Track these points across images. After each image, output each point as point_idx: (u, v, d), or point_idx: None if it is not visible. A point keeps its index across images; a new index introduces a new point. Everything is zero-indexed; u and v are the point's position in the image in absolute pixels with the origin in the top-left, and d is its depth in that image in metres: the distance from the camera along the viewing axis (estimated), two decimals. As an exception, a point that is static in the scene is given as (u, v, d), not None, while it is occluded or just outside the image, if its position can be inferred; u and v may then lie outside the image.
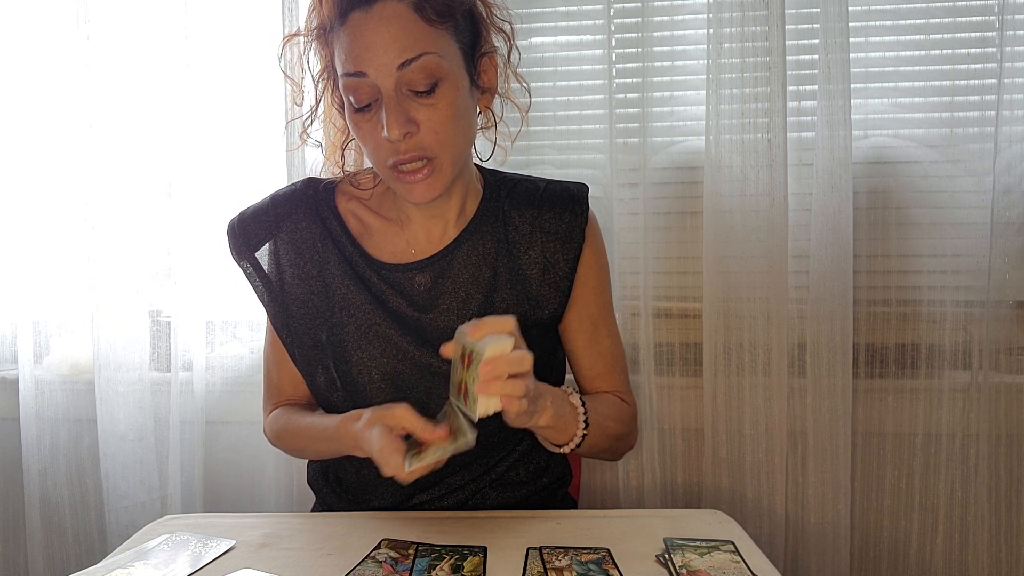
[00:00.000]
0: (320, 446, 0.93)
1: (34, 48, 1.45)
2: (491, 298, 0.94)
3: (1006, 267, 1.29)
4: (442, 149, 0.83)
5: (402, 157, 0.82)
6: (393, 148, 0.82)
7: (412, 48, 0.80)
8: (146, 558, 0.79)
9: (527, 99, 0.97)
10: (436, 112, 0.82)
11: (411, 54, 0.79)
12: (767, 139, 1.27)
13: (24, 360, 1.46)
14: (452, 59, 0.83)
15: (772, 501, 1.33)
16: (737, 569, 0.75)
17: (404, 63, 0.79)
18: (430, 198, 0.86)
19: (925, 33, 1.31)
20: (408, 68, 0.80)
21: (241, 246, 0.96)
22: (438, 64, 0.81)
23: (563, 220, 0.96)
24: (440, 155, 0.84)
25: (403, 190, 0.86)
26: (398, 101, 0.81)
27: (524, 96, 0.97)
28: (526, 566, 0.76)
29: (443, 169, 0.85)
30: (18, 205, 1.45)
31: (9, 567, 1.57)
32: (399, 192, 0.87)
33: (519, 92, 0.97)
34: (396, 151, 0.82)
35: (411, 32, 0.80)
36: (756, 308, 1.31)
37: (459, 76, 0.84)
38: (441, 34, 0.82)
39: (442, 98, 0.82)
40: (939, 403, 1.33)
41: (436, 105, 0.82)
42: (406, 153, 0.82)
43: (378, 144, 0.83)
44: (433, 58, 0.81)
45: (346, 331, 0.93)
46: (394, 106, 0.80)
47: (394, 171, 0.84)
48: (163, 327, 1.47)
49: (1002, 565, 1.34)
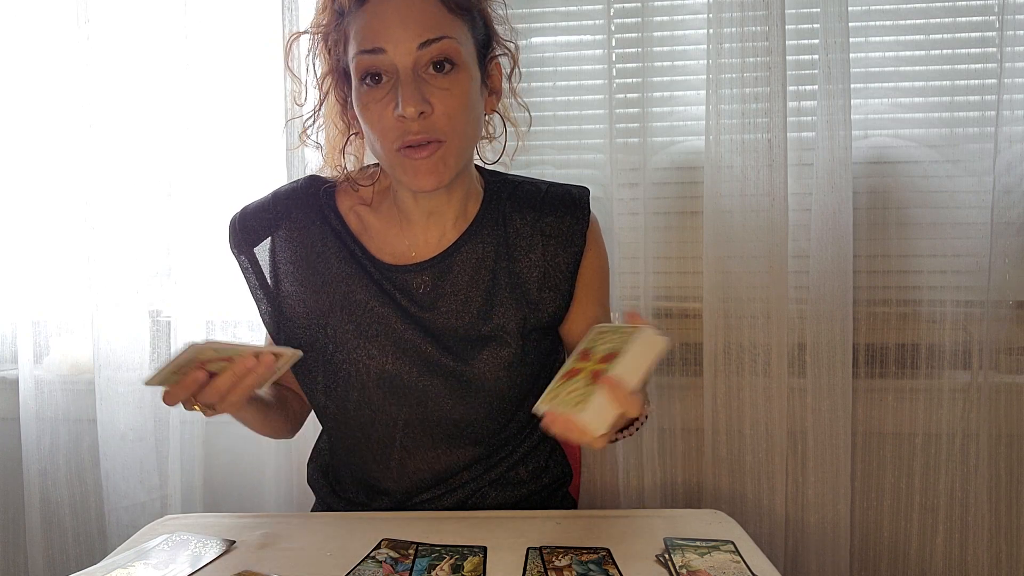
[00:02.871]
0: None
1: (34, 48, 1.45)
2: (490, 301, 0.94)
3: (1006, 267, 1.29)
4: (453, 134, 0.83)
5: (412, 138, 0.81)
6: (403, 128, 0.81)
7: (434, 30, 0.80)
8: (146, 558, 0.79)
9: (526, 124, 0.98)
10: (451, 96, 0.82)
11: (432, 35, 0.80)
12: (767, 139, 1.27)
13: (24, 360, 1.46)
14: (468, 50, 0.84)
15: (772, 501, 1.33)
16: (737, 569, 0.75)
17: (425, 43, 0.80)
18: (435, 185, 0.84)
19: (925, 33, 1.31)
20: (428, 49, 0.80)
21: (240, 241, 0.96)
22: (457, 50, 0.82)
23: (564, 223, 0.96)
24: (450, 140, 0.83)
25: (409, 173, 0.84)
26: (415, 80, 0.81)
27: (524, 124, 0.98)
28: (526, 566, 0.76)
29: (449, 156, 0.84)
30: (18, 205, 1.45)
31: (9, 567, 1.57)
32: (403, 179, 0.86)
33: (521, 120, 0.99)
34: (407, 131, 0.81)
35: (433, 14, 0.81)
36: (756, 308, 1.31)
37: (473, 69, 0.85)
38: (461, 24, 0.83)
39: (457, 84, 0.82)
40: (939, 403, 1.33)
41: (451, 90, 0.82)
42: (417, 134, 0.81)
43: (387, 126, 0.82)
44: (452, 43, 0.81)
45: (344, 330, 0.92)
46: (411, 84, 0.80)
47: (401, 153, 0.83)
48: (163, 327, 1.47)
49: (1002, 565, 1.34)
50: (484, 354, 0.92)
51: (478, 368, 0.91)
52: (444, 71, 0.82)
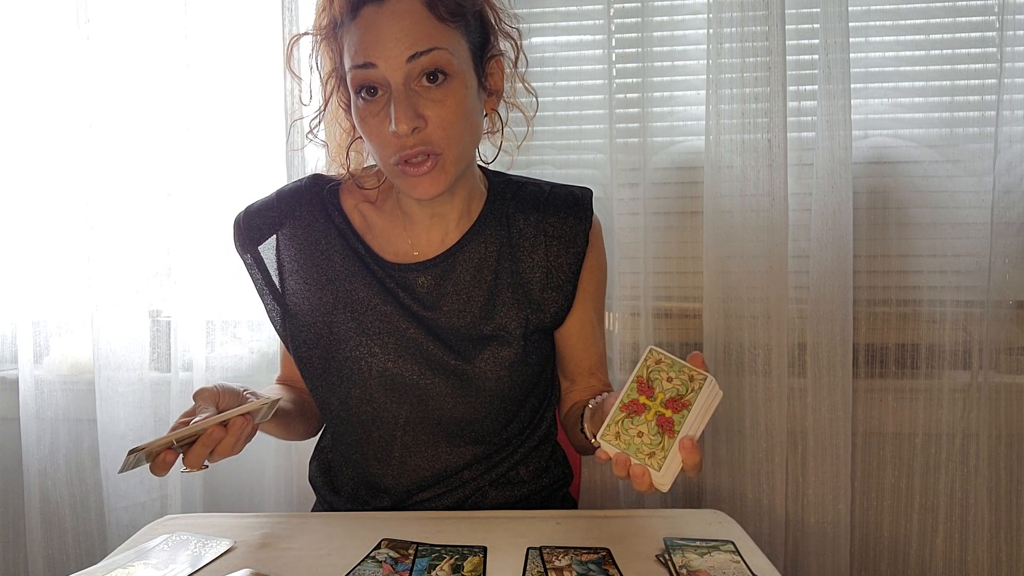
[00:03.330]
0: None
1: (34, 48, 1.45)
2: (493, 300, 0.94)
3: (1006, 267, 1.29)
4: (448, 145, 0.83)
5: (408, 152, 0.82)
6: (400, 143, 0.82)
7: (423, 42, 0.80)
8: (146, 558, 0.79)
9: (533, 107, 0.97)
10: (444, 108, 0.82)
11: (422, 47, 0.80)
12: (767, 139, 1.27)
13: (24, 360, 1.46)
14: (461, 58, 0.84)
15: (772, 501, 1.33)
16: (737, 569, 0.75)
17: (414, 55, 0.80)
18: (434, 194, 0.85)
19: (925, 33, 1.31)
20: (418, 61, 0.80)
21: (245, 239, 0.96)
22: (448, 60, 0.81)
23: (567, 224, 0.96)
24: (446, 151, 0.84)
25: (408, 185, 0.85)
26: (407, 95, 0.81)
27: (530, 105, 0.97)
28: (526, 566, 0.75)
29: (447, 165, 0.85)
30: (18, 205, 1.46)
31: (9, 567, 1.57)
32: (403, 189, 0.87)
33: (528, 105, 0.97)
34: (403, 146, 0.82)
35: (423, 27, 0.80)
36: (756, 308, 1.31)
37: (468, 75, 0.85)
38: (452, 32, 0.83)
39: (451, 94, 0.82)
40: (939, 403, 1.33)
41: (444, 101, 0.82)
42: (413, 148, 0.82)
43: (384, 140, 0.83)
44: (443, 54, 0.81)
45: (347, 327, 0.93)
46: (403, 100, 0.80)
47: (399, 167, 0.84)
48: (163, 327, 1.47)
49: (1002, 565, 1.34)
50: (486, 353, 0.92)
51: (480, 367, 0.92)
52: (437, 82, 0.81)
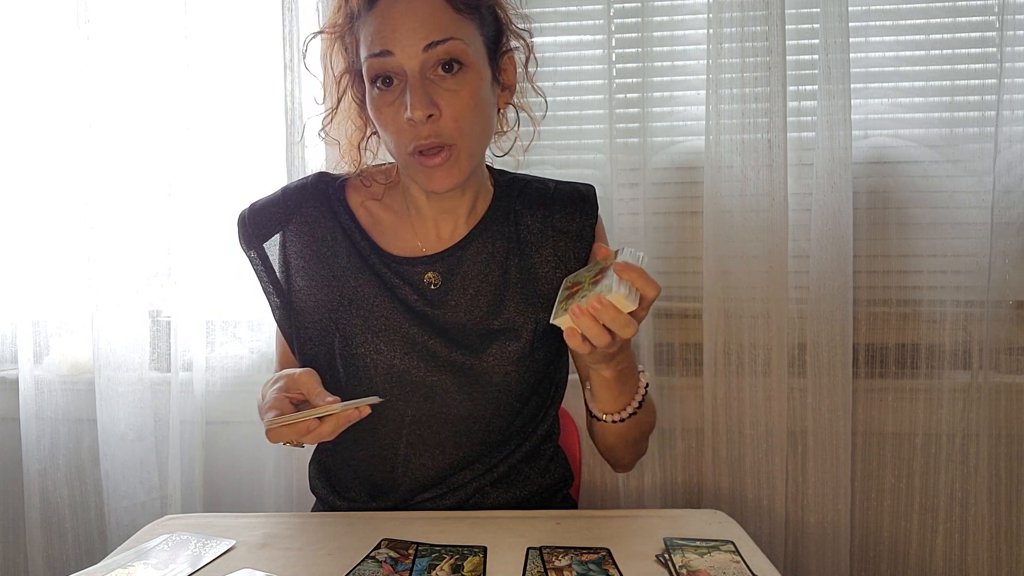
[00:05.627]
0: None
1: (34, 48, 1.45)
2: (500, 296, 0.94)
3: (1006, 267, 1.29)
4: (461, 137, 0.84)
5: (423, 143, 0.83)
6: (415, 132, 0.83)
7: (439, 31, 0.81)
8: (146, 558, 0.79)
9: (541, 109, 0.97)
10: (458, 99, 0.82)
11: (438, 36, 0.81)
12: (767, 139, 1.27)
13: (24, 360, 1.46)
14: (476, 50, 0.84)
15: (772, 501, 1.33)
16: (737, 569, 0.75)
17: (430, 44, 0.80)
18: (449, 186, 0.86)
19: (925, 33, 1.31)
20: (434, 51, 0.81)
21: (251, 236, 0.96)
22: (463, 50, 0.82)
23: (575, 220, 0.97)
24: (459, 143, 0.84)
25: (423, 177, 0.86)
26: (423, 83, 0.81)
27: (538, 107, 0.97)
28: (526, 566, 0.75)
29: (462, 158, 0.85)
30: (18, 205, 1.46)
31: (9, 567, 1.57)
32: (419, 180, 0.87)
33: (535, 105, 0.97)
34: (418, 135, 0.83)
35: (439, 17, 0.81)
36: (756, 308, 1.31)
37: (482, 68, 0.85)
38: (468, 23, 0.83)
39: (465, 85, 0.83)
40: (939, 403, 1.33)
41: (459, 91, 0.82)
42: (427, 138, 0.83)
43: (400, 128, 0.84)
44: (459, 44, 0.82)
45: (352, 324, 0.93)
46: (418, 87, 0.81)
47: (415, 156, 0.84)
48: (163, 327, 1.47)
49: (1002, 565, 1.34)
50: (493, 348, 0.92)
51: (487, 362, 0.92)
52: (452, 72, 0.82)
